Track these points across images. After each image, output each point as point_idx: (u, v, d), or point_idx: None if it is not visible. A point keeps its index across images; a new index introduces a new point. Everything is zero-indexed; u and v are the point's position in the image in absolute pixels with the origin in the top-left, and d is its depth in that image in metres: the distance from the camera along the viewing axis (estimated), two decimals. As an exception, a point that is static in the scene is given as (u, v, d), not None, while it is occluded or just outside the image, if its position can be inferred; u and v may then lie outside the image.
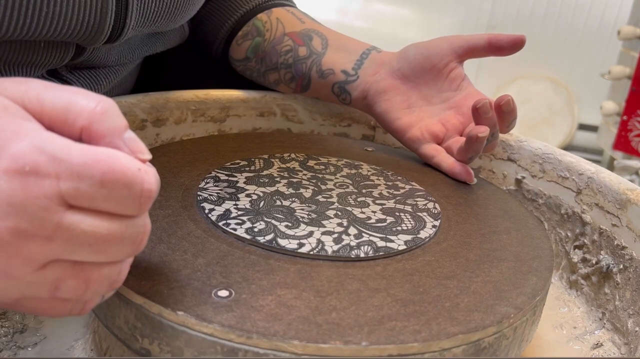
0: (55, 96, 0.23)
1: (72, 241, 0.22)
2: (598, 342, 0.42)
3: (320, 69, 0.55)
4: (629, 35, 1.50)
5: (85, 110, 0.23)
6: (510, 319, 0.30)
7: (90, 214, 0.22)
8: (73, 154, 0.22)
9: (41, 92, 0.23)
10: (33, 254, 0.22)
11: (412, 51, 0.51)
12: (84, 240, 0.22)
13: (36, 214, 0.21)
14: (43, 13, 0.38)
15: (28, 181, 0.21)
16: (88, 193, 0.22)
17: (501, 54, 0.49)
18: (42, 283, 0.23)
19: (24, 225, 0.21)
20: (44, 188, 0.21)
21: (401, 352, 0.27)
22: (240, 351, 0.26)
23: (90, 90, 0.54)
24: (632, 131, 1.53)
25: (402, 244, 0.35)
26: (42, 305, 0.24)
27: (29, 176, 0.21)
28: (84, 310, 0.25)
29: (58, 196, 0.21)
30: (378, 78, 0.53)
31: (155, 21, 0.47)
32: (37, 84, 0.23)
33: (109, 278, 0.24)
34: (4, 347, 0.35)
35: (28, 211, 0.21)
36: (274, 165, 0.45)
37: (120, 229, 0.23)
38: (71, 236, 0.22)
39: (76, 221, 0.22)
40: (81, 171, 0.21)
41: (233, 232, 0.34)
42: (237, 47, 0.61)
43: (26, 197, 0.21)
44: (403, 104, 0.52)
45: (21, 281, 0.22)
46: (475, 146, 0.45)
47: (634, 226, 0.42)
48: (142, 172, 0.23)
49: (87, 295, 0.24)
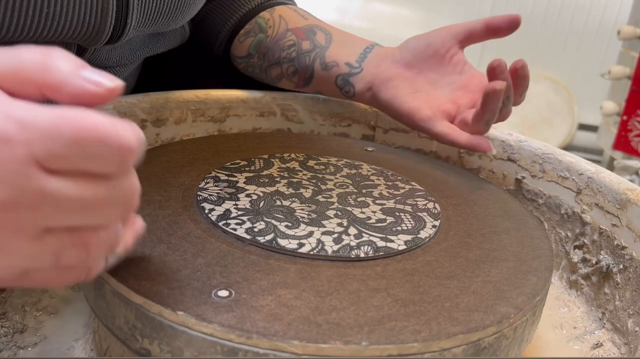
0: (5, 59, 0.22)
1: (60, 207, 0.21)
2: (598, 342, 0.42)
3: (324, 61, 0.55)
4: (629, 35, 1.50)
5: (32, 64, 0.22)
6: (510, 319, 0.30)
7: (73, 178, 0.22)
8: (40, 116, 0.21)
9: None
10: (22, 224, 0.21)
11: (413, 41, 0.52)
12: (71, 205, 0.22)
13: (14, 182, 0.20)
14: (44, 14, 0.38)
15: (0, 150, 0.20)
16: (62, 154, 0.21)
17: (499, 36, 0.50)
18: (42, 254, 0.23)
19: (4, 195, 0.20)
20: (17, 154, 0.20)
21: (401, 352, 0.27)
22: (240, 351, 0.26)
23: None
24: (632, 131, 1.53)
25: (402, 244, 0.35)
26: (48, 276, 0.24)
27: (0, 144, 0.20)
28: (89, 276, 0.25)
29: (33, 161, 0.21)
30: (382, 69, 0.53)
31: (156, 21, 0.47)
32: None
33: (107, 240, 0.24)
34: (4, 347, 0.35)
35: (6, 179, 0.20)
36: (274, 165, 0.45)
37: (107, 191, 0.22)
38: (57, 202, 0.21)
39: (59, 187, 0.21)
40: (51, 132, 0.21)
41: (233, 232, 0.34)
42: (239, 44, 0.61)
43: (2, 167, 0.20)
44: (410, 88, 0.52)
45: (20, 254, 0.22)
46: (492, 103, 0.44)
47: (634, 226, 0.42)
48: (117, 126, 0.22)
49: (90, 260, 0.24)
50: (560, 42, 2.07)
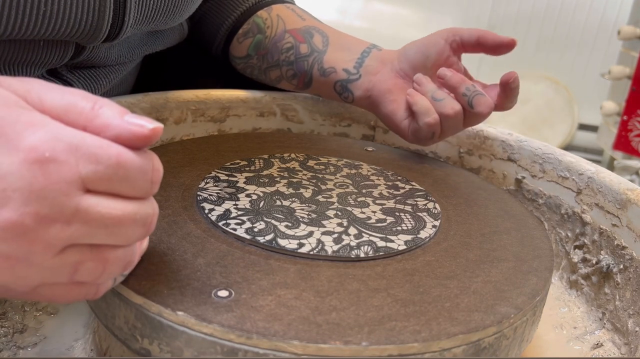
0: (56, 97, 0.24)
1: (90, 223, 0.23)
2: (598, 342, 0.42)
3: (322, 67, 0.55)
4: (629, 35, 1.50)
5: (85, 109, 0.24)
6: (510, 319, 0.30)
7: (105, 197, 0.23)
8: (88, 140, 0.23)
9: (42, 93, 0.24)
10: (53, 239, 0.22)
11: (411, 50, 0.52)
12: (100, 222, 0.23)
13: (56, 199, 0.22)
14: (41, 12, 0.38)
15: (48, 168, 0.22)
16: (106, 175, 0.23)
17: (488, 53, 0.51)
18: (61, 268, 0.23)
19: (44, 211, 0.22)
20: (64, 174, 0.22)
21: (401, 352, 0.27)
22: (240, 351, 0.26)
23: (90, 90, 0.54)
24: (632, 131, 1.53)
25: (402, 244, 0.35)
26: (59, 291, 0.25)
27: (48, 163, 0.22)
28: (97, 293, 0.26)
29: (78, 180, 0.22)
30: (381, 78, 0.53)
31: (153, 19, 0.47)
32: (39, 84, 0.24)
33: (123, 259, 0.25)
34: (4, 347, 0.35)
35: (48, 196, 0.22)
36: (274, 165, 0.45)
37: (133, 210, 0.24)
38: (88, 219, 0.23)
39: (93, 204, 0.23)
40: (98, 154, 0.23)
41: (233, 232, 0.34)
42: (238, 45, 0.61)
43: (47, 184, 0.22)
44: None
45: (41, 267, 0.23)
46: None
47: (634, 226, 0.42)
48: (152, 156, 0.25)
49: (104, 277, 0.25)
50: (560, 42, 2.07)
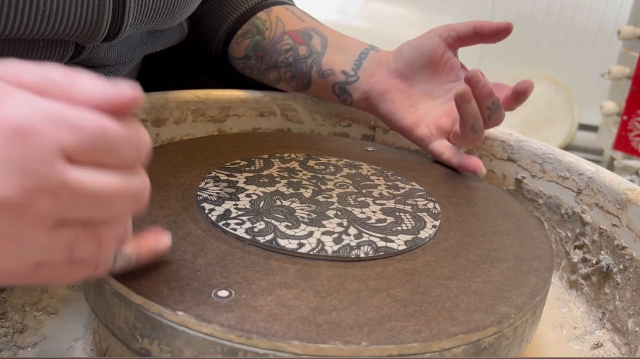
0: (33, 72, 0.23)
1: (77, 196, 0.22)
2: (598, 342, 0.42)
3: (320, 69, 0.55)
4: (629, 35, 1.50)
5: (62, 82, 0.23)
6: (510, 319, 0.30)
7: (92, 168, 0.23)
8: (68, 110, 0.22)
9: (19, 69, 0.23)
10: (41, 213, 0.22)
11: (406, 50, 0.52)
12: (88, 195, 0.23)
13: (40, 170, 0.21)
14: (40, 11, 0.38)
15: (27, 138, 0.21)
16: (89, 144, 0.22)
17: (487, 42, 0.50)
18: (57, 245, 0.23)
19: (29, 182, 0.21)
20: (45, 143, 0.21)
21: (401, 352, 0.27)
22: (240, 351, 0.26)
23: None
24: (632, 131, 1.53)
25: (402, 244, 0.35)
26: (60, 271, 0.25)
27: (28, 133, 0.21)
28: (98, 271, 0.26)
29: (60, 150, 0.22)
30: (378, 79, 0.53)
31: (153, 19, 0.47)
32: (14, 63, 0.24)
33: (118, 234, 0.25)
34: (4, 347, 0.35)
35: (32, 167, 0.21)
36: (274, 165, 0.45)
37: (121, 183, 0.24)
38: (76, 191, 0.22)
39: (79, 177, 0.22)
40: (79, 123, 0.22)
41: (233, 232, 0.34)
42: (237, 45, 0.61)
43: (29, 154, 0.21)
44: (406, 102, 0.52)
45: (35, 245, 0.23)
46: (465, 108, 0.45)
47: (634, 226, 0.42)
48: (136, 124, 0.24)
49: (101, 253, 0.25)
50: (560, 42, 2.07)
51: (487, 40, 0.50)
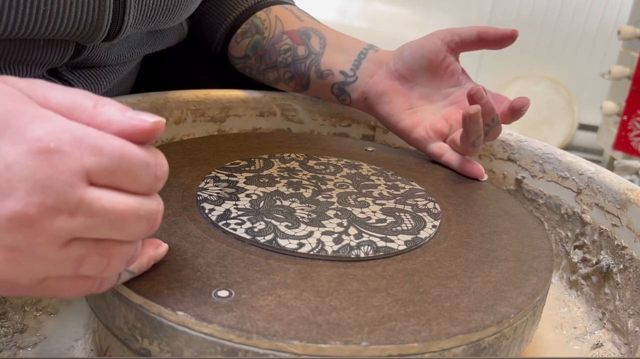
0: (59, 95, 0.24)
1: (93, 216, 0.23)
2: (598, 342, 0.42)
3: (319, 69, 0.55)
4: (629, 35, 1.50)
5: (88, 107, 0.24)
6: (510, 319, 0.30)
7: (110, 190, 0.24)
8: (92, 133, 0.23)
9: (47, 91, 0.24)
10: (57, 231, 0.23)
11: (407, 51, 0.52)
12: (104, 216, 0.23)
13: (61, 189, 0.22)
14: (41, 11, 0.38)
15: (53, 158, 0.22)
16: (110, 167, 0.23)
17: (491, 48, 0.50)
18: (66, 261, 0.24)
19: (49, 201, 0.22)
20: (69, 164, 0.22)
21: (401, 352, 0.27)
22: (240, 351, 0.26)
23: (90, 89, 0.54)
24: (632, 131, 1.53)
25: (402, 244, 0.35)
26: (64, 284, 0.25)
27: (53, 153, 0.22)
28: (101, 287, 0.26)
29: (82, 171, 0.23)
30: (377, 80, 0.53)
31: (153, 19, 0.47)
32: (43, 83, 0.25)
33: (127, 254, 0.25)
34: (4, 347, 0.35)
35: (54, 186, 0.22)
36: (274, 165, 0.45)
37: (137, 205, 0.24)
38: (92, 212, 0.23)
39: (97, 197, 0.23)
40: (102, 147, 0.23)
41: (233, 232, 0.34)
42: (237, 44, 0.61)
43: (52, 174, 0.22)
44: (404, 104, 0.52)
45: (46, 260, 0.23)
46: (471, 126, 0.45)
47: (634, 226, 0.42)
48: (156, 151, 0.25)
49: (108, 271, 0.25)
50: (560, 42, 2.07)
51: (491, 46, 0.50)
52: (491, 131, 0.48)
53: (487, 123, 0.47)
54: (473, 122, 0.45)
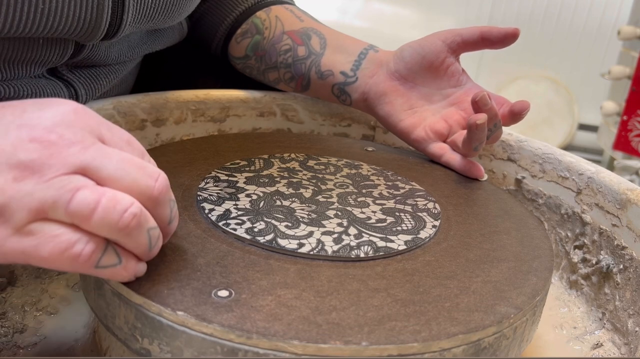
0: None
1: (103, 154, 0.26)
2: (598, 342, 0.42)
3: (319, 69, 0.55)
4: (629, 35, 1.50)
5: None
6: (510, 319, 0.30)
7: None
8: None
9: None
10: (69, 158, 0.26)
11: (407, 52, 0.52)
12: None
13: (82, 130, 0.27)
14: (39, 10, 0.38)
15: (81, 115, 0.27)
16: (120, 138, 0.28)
17: (494, 47, 0.50)
18: (66, 187, 0.25)
19: (68, 135, 0.26)
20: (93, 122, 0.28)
21: (401, 352, 0.27)
22: (240, 351, 0.26)
23: (90, 89, 0.54)
24: (632, 131, 1.53)
25: (402, 244, 0.35)
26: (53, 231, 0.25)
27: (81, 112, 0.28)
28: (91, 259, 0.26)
29: (100, 135, 0.28)
30: (377, 80, 0.53)
31: (152, 17, 0.47)
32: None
33: (118, 201, 0.26)
34: (4, 347, 0.35)
35: (76, 127, 0.27)
36: (274, 165, 0.45)
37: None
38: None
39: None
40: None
41: (233, 232, 0.34)
42: (237, 45, 0.61)
43: (78, 120, 0.27)
44: (404, 105, 0.52)
45: (47, 184, 0.25)
46: (477, 134, 0.45)
47: (634, 226, 0.42)
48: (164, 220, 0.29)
49: (96, 215, 0.25)
50: (560, 42, 2.07)
51: (494, 45, 0.49)
52: (492, 135, 0.48)
53: (489, 128, 0.47)
54: (479, 130, 0.45)
